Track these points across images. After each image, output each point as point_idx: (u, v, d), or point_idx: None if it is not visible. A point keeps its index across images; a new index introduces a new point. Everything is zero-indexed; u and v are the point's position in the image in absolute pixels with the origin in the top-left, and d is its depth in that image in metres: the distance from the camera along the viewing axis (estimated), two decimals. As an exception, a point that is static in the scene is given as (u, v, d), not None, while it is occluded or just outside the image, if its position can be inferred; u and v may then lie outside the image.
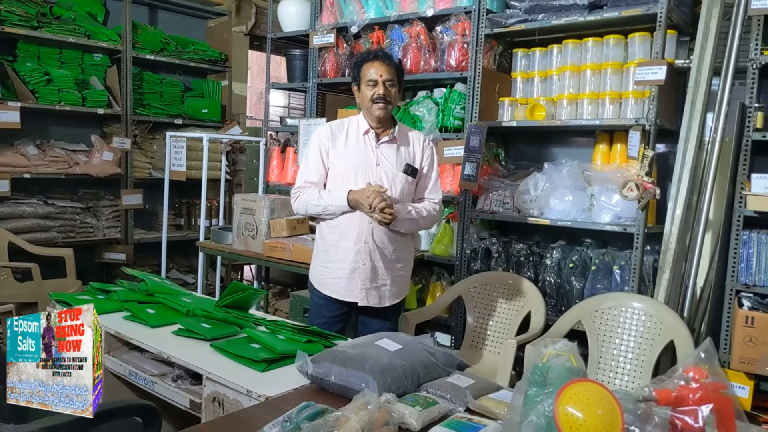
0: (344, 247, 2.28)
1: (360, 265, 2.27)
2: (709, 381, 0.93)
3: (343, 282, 2.30)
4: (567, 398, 0.74)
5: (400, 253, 2.35)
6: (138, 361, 1.87)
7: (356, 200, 2.20)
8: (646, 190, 2.66)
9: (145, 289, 2.22)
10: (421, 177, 2.40)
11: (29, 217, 4.12)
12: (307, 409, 1.30)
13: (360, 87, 2.31)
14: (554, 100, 3.18)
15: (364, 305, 2.32)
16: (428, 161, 2.40)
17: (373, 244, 2.27)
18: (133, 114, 4.65)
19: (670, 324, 2.40)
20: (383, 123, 2.33)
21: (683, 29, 2.95)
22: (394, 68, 2.29)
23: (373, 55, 2.30)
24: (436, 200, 2.42)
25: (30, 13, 4.07)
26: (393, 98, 2.29)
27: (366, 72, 2.27)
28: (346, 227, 2.27)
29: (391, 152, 2.32)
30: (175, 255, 5.02)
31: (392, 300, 2.38)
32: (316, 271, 2.40)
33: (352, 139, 2.33)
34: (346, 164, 2.30)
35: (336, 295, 2.33)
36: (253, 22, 5.37)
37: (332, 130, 2.35)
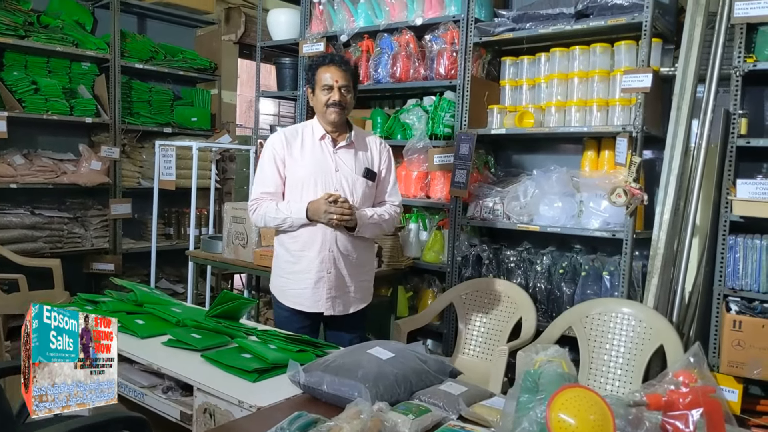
0: (308, 256, 2.24)
1: (325, 273, 2.24)
2: (699, 385, 0.94)
3: (308, 293, 2.25)
4: (559, 404, 0.75)
5: (363, 258, 2.33)
6: (127, 372, 1.85)
7: (313, 212, 2.17)
8: (634, 196, 2.69)
9: (134, 300, 2.20)
10: (380, 180, 2.38)
11: (16, 228, 4.07)
12: (299, 419, 1.30)
13: (315, 91, 2.27)
14: (542, 108, 3.21)
15: (329, 314, 2.28)
16: (386, 164, 2.39)
17: (337, 252, 2.24)
18: (122, 123, 4.62)
19: (659, 329, 2.42)
20: (339, 127, 2.29)
21: (668, 37, 2.99)
22: (350, 74, 2.25)
23: (329, 59, 2.26)
24: (396, 203, 2.41)
25: (17, 22, 4.04)
26: (348, 104, 2.26)
27: (321, 76, 2.23)
28: (308, 236, 2.23)
29: (349, 157, 2.30)
30: (165, 264, 4.98)
31: (357, 306, 2.35)
32: (278, 283, 2.35)
33: (308, 145, 2.29)
34: (304, 171, 2.25)
35: (300, 307, 2.27)
36: (242, 31, 5.38)
37: (286, 136, 2.30)
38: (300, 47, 3.81)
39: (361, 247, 2.31)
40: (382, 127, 3.70)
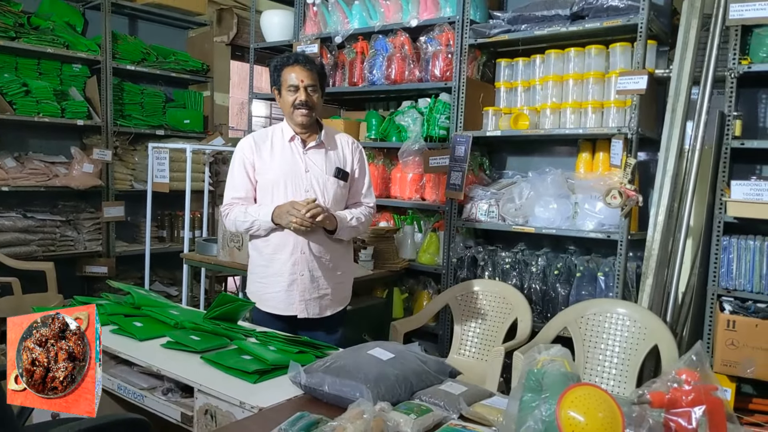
0: (280, 259, 2.21)
1: (298, 276, 2.21)
2: (701, 383, 0.95)
3: (282, 296, 2.23)
4: (569, 402, 0.75)
5: (338, 261, 2.30)
6: (126, 375, 1.84)
7: (280, 214, 2.14)
8: (629, 197, 2.71)
9: (131, 302, 2.18)
10: (354, 180, 2.35)
11: (8, 231, 4.03)
12: (301, 420, 1.30)
13: (281, 92, 2.23)
14: (537, 110, 3.23)
15: (304, 317, 2.25)
16: (359, 164, 2.36)
17: (310, 254, 2.21)
18: (114, 125, 4.60)
19: (654, 329, 2.44)
20: (308, 128, 2.26)
21: (663, 39, 3.01)
22: (316, 73, 2.21)
23: (293, 59, 2.21)
24: (371, 204, 2.39)
25: (7, 23, 4.02)
26: (316, 104, 2.22)
27: (286, 77, 2.19)
28: (280, 239, 2.21)
29: (319, 157, 2.26)
30: (158, 267, 4.96)
31: (334, 309, 2.32)
32: (253, 288, 2.32)
33: (277, 148, 2.26)
34: (274, 174, 2.23)
35: (275, 310, 2.25)
36: (234, 32, 5.37)
37: (255, 140, 2.27)
38: (294, 49, 3.81)
39: (336, 249, 2.29)
40: (377, 129, 3.71)
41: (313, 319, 2.27)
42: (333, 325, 2.34)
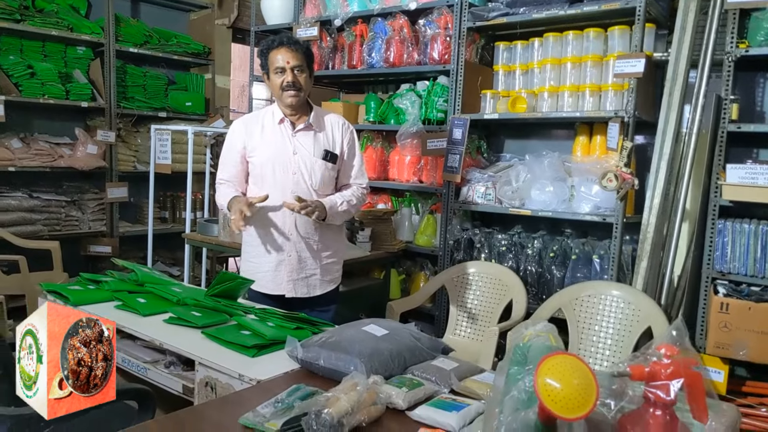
0: (268, 240, 2.26)
1: (285, 257, 2.25)
2: (680, 357, 1.00)
3: (270, 275, 2.27)
4: (545, 370, 0.79)
5: (326, 242, 2.33)
6: (130, 348, 1.90)
7: (233, 211, 2.14)
8: (624, 180, 2.74)
9: (135, 279, 2.24)
10: (344, 162, 2.36)
11: (14, 210, 4.09)
12: (298, 391, 1.35)
13: (269, 75, 2.24)
14: (535, 93, 3.25)
15: (292, 296, 2.29)
16: (349, 145, 2.36)
17: (297, 236, 2.25)
18: (117, 107, 4.63)
19: (647, 311, 2.48)
20: (297, 110, 2.27)
21: (661, 23, 3.02)
22: (302, 53, 2.21)
23: (278, 41, 2.21)
24: (364, 185, 2.40)
25: (12, 6, 4.03)
26: (304, 84, 2.22)
27: (273, 59, 2.19)
28: (267, 221, 2.24)
29: (308, 139, 2.28)
30: (160, 248, 5.01)
31: (324, 288, 2.35)
32: (245, 267, 2.37)
33: (268, 130, 2.28)
34: (263, 156, 2.26)
35: (264, 290, 2.29)
36: (235, 15, 5.36)
37: (246, 123, 2.31)
38: (294, 31, 3.82)
39: (324, 231, 2.31)
40: (376, 111, 3.73)
41: (303, 299, 2.31)
42: (324, 304, 2.37)
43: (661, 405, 0.95)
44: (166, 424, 1.24)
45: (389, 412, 1.33)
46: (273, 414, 1.26)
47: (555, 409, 0.76)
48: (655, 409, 0.97)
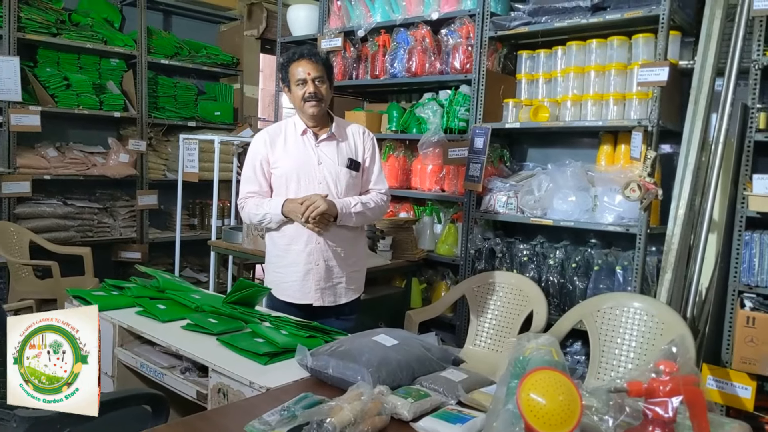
0: (296, 250, 2.28)
1: (313, 266, 2.27)
2: (680, 374, 0.98)
3: (297, 285, 2.29)
4: (530, 385, 0.79)
5: (352, 250, 2.36)
6: (149, 354, 1.95)
7: (290, 211, 2.21)
8: (648, 190, 2.69)
9: (156, 286, 2.30)
10: (364, 170, 2.39)
11: (49, 217, 4.25)
12: (304, 400, 1.37)
13: (290, 88, 2.28)
14: (558, 101, 3.22)
15: (319, 305, 2.31)
16: (369, 153, 2.39)
17: (324, 244, 2.27)
18: (148, 117, 4.76)
19: (671, 324, 2.42)
20: (319, 121, 2.31)
21: (687, 30, 2.97)
22: (322, 64, 2.25)
23: (299, 54, 2.25)
24: (383, 190, 2.42)
25: (49, 20, 4.20)
26: (324, 95, 2.26)
27: (294, 72, 2.23)
28: (295, 230, 2.26)
29: (331, 149, 2.31)
30: (189, 254, 5.12)
31: (349, 297, 2.37)
32: (270, 278, 2.39)
33: (291, 141, 2.31)
34: (287, 167, 2.28)
35: (291, 299, 2.31)
36: (264, 26, 5.46)
37: (269, 135, 2.34)
38: (318, 42, 3.88)
39: (349, 238, 2.34)
40: (398, 121, 3.75)
41: (328, 307, 2.34)
42: (348, 313, 2.40)
43: (660, 422, 0.94)
44: (175, 429, 1.28)
45: (394, 422, 1.34)
46: (278, 422, 1.28)
47: (537, 425, 0.76)
48: (654, 426, 0.95)
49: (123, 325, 2.01)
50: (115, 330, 2.03)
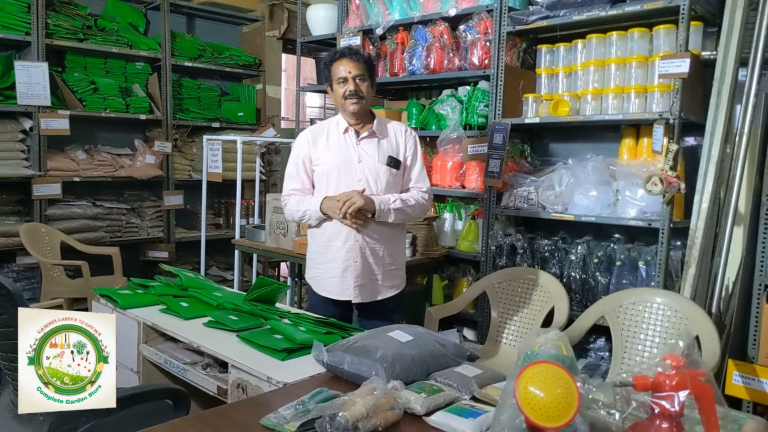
0: (335, 246, 2.31)
1: (351, 263, 2.30)
2: (687, 368, 0.98)
3: (337, 281, 2.33)
4: (527, 378, 0.80)
5: (390, 248, 2.37)
6: (172, 350, 2.00)
7: (328, 208, 2.24)
8: (670, 184, 2.65)
9: (180, 284, 2.36)
10: (406, 168, 2.40)
11: (79, 218, 4.37)
12: (320, 395, 1.40)
13: (332, 86, 2.31)
14: (579, 95, 3.19)
15: (358, 302, 2.34)
16: (411, 151, 2.41)
17: (363, 242, 2.29)
18: (173, 119, 4.86)
19: (695, 319, 2.38)
20: (361, 119, 2.33)
21: (710, 20, 2.91)
22: (363, 63, 2.28)
23: (340, 53, 2.30)
24: (424, 189, 2.42)
25: (76, 26, 4.31)
26: (366, 93, 2.29)
27: (335, 70, 2.27)
28: (334, 227, 2.30)
29: (372, 147, 2.33)
30: (215, 253, 5.21)
31: (387, 293, 2.39)
32: (311, 273, 2.44)
33: (333, 140, 2.35)
34: (328, 165, 2.32)
35: (331, 295, 2.35)
36: (285, 26, 5.52)
37: (312, 134, 2.38)
38: (338, 41, 3.91)
39: (389, 235, 2.36)
40: (417, 118, 3.76)
41: (368, 304, 2.37)
42: (387, 309, 2.42)
43: (667, 416, 0.94)
44: (193, 423, 1.32)
45: (407, 417, 1.35)
46: (293, 416, 1.31)
47: (534, 417, 0.76)
48: (661, 420, 0.95)
49: (147, 322, 2.07)
50: (139, 327, 2.09)
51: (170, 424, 1.28)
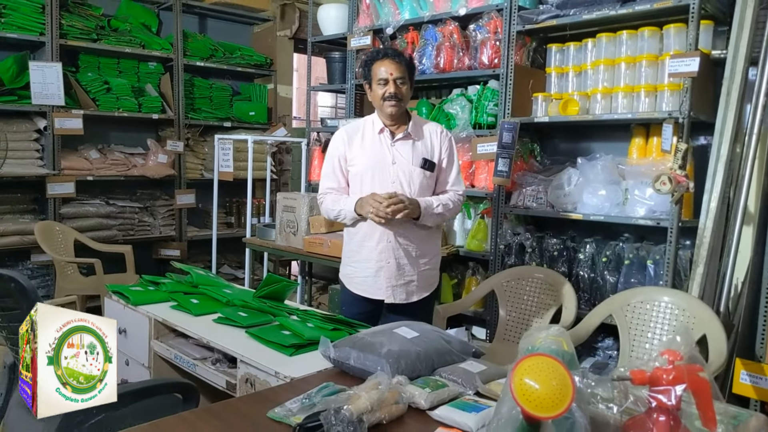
0: (368, 246, 2.32)
1: (384, 263, 2.30)
2: (684, 363, 0.99)
3: (370, 280, 2.34)
4: (523, 370, 0.82)
5: (424, 249, 2.37)
6: (182, 346, 2.04)
7: (359, 207, 2.25)
8: (678, 183, 2.64)
9: (190, 282, 2.40)
10: (441, 170, 2.39)
11: (92, 217, 4.43)
12: (326, 389, 1.42)
13: (371, 86, 2.31)
14: (588, 95, 3.19)
15: (391, 302, 2.35)
16: (447, 154, 2.40)
17: (395, 243, 2.29)
18: (185, 118, 4.91)
19: (702, 318, 2.38)
20: (397, 120, 2.33)
21: (720, 19, 2.89)
22: (405, 65, 2.28)
23: (383, 53, 2.29)
24: (460, 191, 2.42)
25: (90, 26, 4.38)
26: (404, 96, 2.28)
27: (376, 70, 2.27)
28: (368, 228, 2.30)
29: (406, 148, 2.33)
30: (227, 251, 5.26)
31: (420, 294, 2.39)
32: (345, 271, 2.46)
33: (368, 139, 2.35)
34: (362, 165, 2.33)
35: (363, 293, 2.37)
36: (297, 26, 5.55)
37: (348, 133, 2.38)
38: (348, 41, 3.93)
39: (423, 237, 2.35)
40: (427, 117, 3.77)
41: (400, 304, 2.37)
42: (419, 311, 2.40)
43: (664, 410, 0.95)
44: (201, 415, 1.34)
45: (412, 411, 1.37)
46: (299, 409, 1.33)
47: (529, 407, 0.78)
48: (658, 414, 0.97)
49: (158, 318, 2.10)
50: (151, 323, 2.12)
51: (179, 416, 1.31)
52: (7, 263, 4.12)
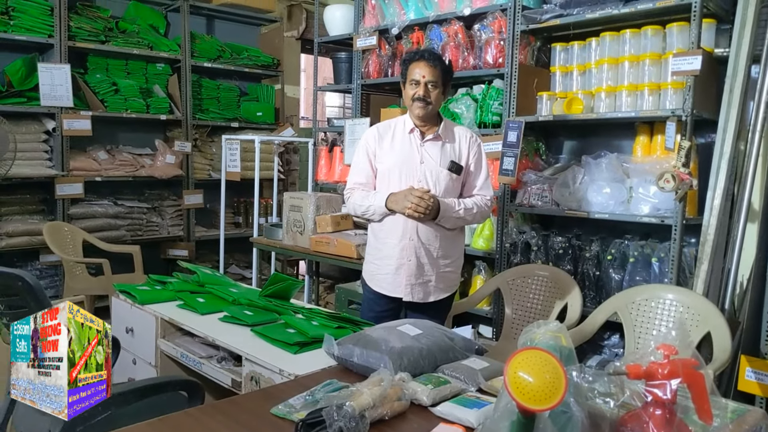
0: (390, 243, 2.34)
1: (405, 261, 2.32)
2: (679, 358, 1.01)
3: (390, 278, 2.36)
4: (517, 363, 0.84)
5: (446, 250, 2.38)
6: (189, 344, 2.07)
7: (393, 203, 2.27)
8: (682, 181, 2.65)
9: (197, 281, 2.43)
10: (469, 174, 2.41)
11: (101, 217, 4.48)
12: (329, 386, 1.45)
13: (405, 85, 2.34)
14: (592, 93, 3.19)
15: (409, 300, 2.36)
16: (475, 158, 2.41)
17: (418, 241, 2.30)
18: (193, 119, 4.95)
19: (707, 315, 2.38)
20: (427, 121, 2.36)
21: (723, 17, 2.89)
22: (440, 70, 2.29)
23: (420, 54, 2.32)
24: (488, 196, 2.43)
25: (98, 28, 4.42)
26: (434, 99, 2.30)
27: (411, 71, 2.30)
28: (391, 225, 2.33)
29: (435, 150, 2.35)
30: (235, 251, 5.30)
31: (438, 295, 2.40)
32: (367, 268, 2.48)
33: (398, 139, 2.38)
34: (391, 163, 2.35)
35: (383, 291, 2.39)
36: (304, 27, 5.59)
37: (379, 131, 2.42)
38: (354, 41, 3.95)
39: (444, 238, 2.36)
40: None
41: (419, 303, 2.39)
42: (437, 311, 2.42)
43: (660, 404, 0.97)
44: (207, 411, 1.37)
45: (414, 407, 1.39)
46: (303, 405, 1.35)
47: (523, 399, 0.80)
48: (654, 408, 0.98)
49: (165, 317, 2.14)
50: (157, 322, 2.16)
51: (185, 412, 1.34)
52: (17, 263, 4.17)
